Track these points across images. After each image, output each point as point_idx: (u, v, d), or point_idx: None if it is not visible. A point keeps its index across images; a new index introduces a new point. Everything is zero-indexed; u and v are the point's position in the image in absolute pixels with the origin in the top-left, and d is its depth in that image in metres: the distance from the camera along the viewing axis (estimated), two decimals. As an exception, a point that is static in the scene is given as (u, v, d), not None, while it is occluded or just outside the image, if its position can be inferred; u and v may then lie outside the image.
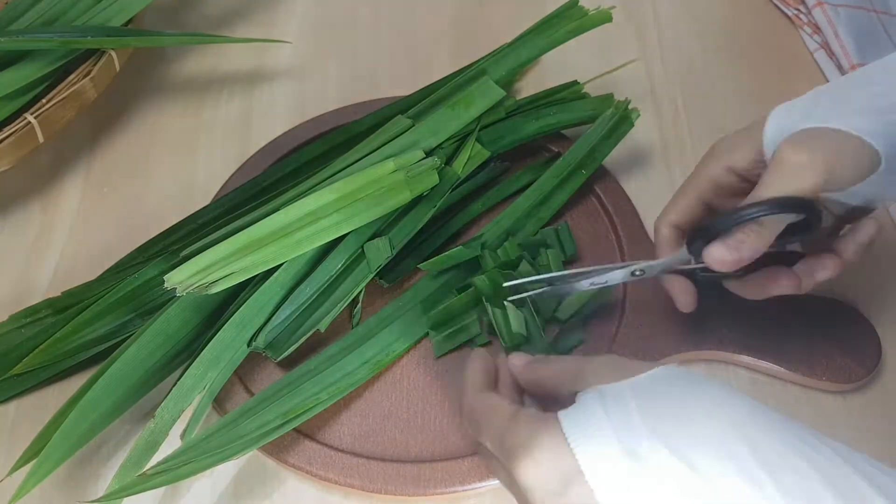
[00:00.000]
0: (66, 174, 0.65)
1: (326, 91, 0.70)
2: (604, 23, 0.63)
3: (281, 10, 0.76)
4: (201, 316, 0.52)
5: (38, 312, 0.54)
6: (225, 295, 0.51)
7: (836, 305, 0.54)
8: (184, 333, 0.51)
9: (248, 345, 0.51)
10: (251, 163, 0.63)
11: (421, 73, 0.67)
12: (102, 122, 0.69)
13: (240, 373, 0.52)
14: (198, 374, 0.49)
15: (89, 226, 0.62)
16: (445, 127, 0.58)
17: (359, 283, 0.53)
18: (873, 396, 0.52)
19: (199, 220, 0.58)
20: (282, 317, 0.52)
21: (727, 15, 0.74)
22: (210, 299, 0.52)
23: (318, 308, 0.53)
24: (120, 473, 0.47)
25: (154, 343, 0.50)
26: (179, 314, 0.51)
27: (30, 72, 0.60)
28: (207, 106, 0.70)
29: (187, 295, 0.48)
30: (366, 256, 0.54)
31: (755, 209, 0.42)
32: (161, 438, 0.48)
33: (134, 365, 0.49)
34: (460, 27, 0.74)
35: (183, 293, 0.47)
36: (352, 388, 0.51)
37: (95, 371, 0.49)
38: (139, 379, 0.50)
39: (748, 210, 0.42)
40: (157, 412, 0.48)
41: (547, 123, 0.62)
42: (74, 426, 0.47)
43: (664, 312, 0.53)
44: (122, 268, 0.56)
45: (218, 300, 0.52)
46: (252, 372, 0.53)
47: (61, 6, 0.64)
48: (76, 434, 0.47)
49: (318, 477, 0.49)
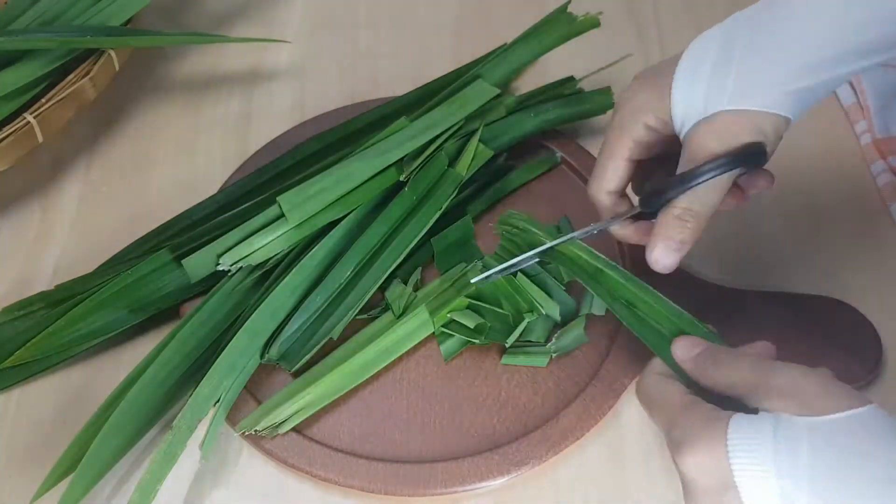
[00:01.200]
0: (66, 174, 0.65)
1: (326, 91, 0.70)
2: (592, 28, 0.64)
3: (281, 10, 0.76)
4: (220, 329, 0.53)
5: (31, 306, 0.54)
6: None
7: (836, 305, 0.54)
8: (200, 352, 0.52)
9: (260, 357, 0.51)
10: (251, 162, 0.63)
11: (421, 73, 0.66)
12: (102, 121, 0.68)
13: (250, 387, 0.52)
14: (213, 383, 0.49)
15: (88, 225, 0.62)
16: (441, 122, 0.59)
17: (369, 289, 0.54)
18: (873, 396, 0.51)
19: (194, 216, 0.58)
20: (294, 326, 0.52)
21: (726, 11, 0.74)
22: (225, 313, 0.53)
23: (330, 316, 0.53)
24: (140, 486, 0.46)
25: (173, 362, 0.51)
26: (199, 329, 0.52)
27: (29, 71, 0.60)
28: (207, 105, 0.70)
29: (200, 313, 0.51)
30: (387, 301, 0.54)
31: (713, 166, 0.42)
32: (179, 450, 0.48)
33: (155, 384, 0.50)
34: (460, 27, 0.74)
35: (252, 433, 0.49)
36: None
37: (113, 392, 0.50)
38: (162, 397, 0.50)
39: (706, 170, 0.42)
40: (175, 423, 0.48)
41: (546, 120, 0.62)
42: (100, 451, 0.47)
43: (664, 312, 0.53)
44: (117, 263, 0.56)
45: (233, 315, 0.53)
46: (262, 384, 0.53)
47: (60, 6, 0.64)
48: (103, 458, 0.48)
49: (318, 477, 0.49)
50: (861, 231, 0.59)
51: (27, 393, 0.54)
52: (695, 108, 0.43)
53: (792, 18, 0.42)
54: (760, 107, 0.42)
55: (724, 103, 0.42)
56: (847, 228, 0.59)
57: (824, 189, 0.60)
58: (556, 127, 0.63)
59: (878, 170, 0.61)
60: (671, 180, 0.43)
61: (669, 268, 0.44)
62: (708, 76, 0.43)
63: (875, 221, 0.60)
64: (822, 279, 0.56)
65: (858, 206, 0.60)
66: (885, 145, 0.62)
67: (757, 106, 0.42)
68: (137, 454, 0.51)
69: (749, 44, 0.43)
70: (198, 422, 0.49)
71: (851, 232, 0.59)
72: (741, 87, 0.42)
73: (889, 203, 0.60)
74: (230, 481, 0.50)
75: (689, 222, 0.43)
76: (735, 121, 0.42)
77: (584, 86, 0.65)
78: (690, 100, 0.43)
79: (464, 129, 0.59)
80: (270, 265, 0.54)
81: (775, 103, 0.42)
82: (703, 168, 0.42)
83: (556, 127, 0.63)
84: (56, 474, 0.48)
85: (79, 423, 0.50)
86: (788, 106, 0.42)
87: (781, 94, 0.42)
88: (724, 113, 0.42)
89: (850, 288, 0.55)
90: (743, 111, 0.42)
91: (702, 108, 0.43)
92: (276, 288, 0.52)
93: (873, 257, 0.58)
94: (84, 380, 0.54)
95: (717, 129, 0.42)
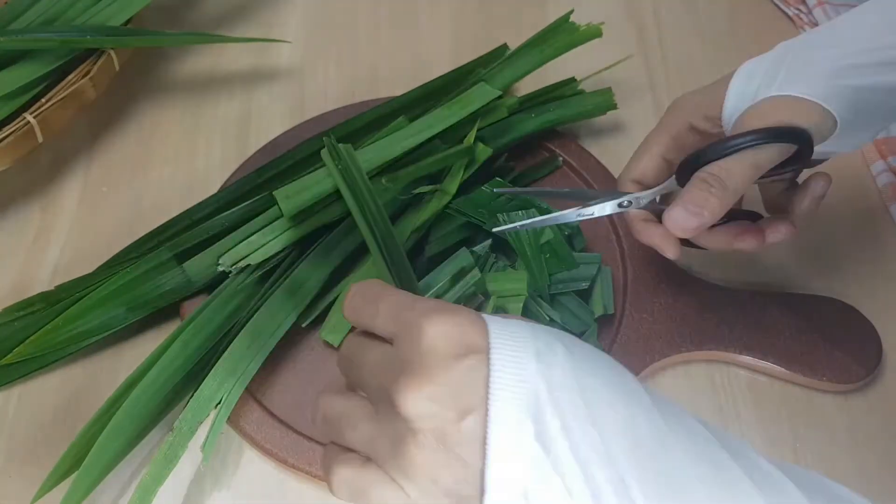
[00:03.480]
0: (66, 174, 0.65)
1: (326, 91, 0.70)
2: (594, 38, 0.63)
3: (281, 10, 0.76)
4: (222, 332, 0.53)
5: (31, 305, 0.54)
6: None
7: (837, 305, 0.54)
8: (203, 352, 0.52)
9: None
10: (251, 163, 0.63)
11: (421, 73, 0.66)
12: (102, 121, 0.68)
13: (252, 389, 0.52)
14: (214, 385, 0.49)
15: (88, 225, 0.62)
16: (441, 122, 0.59)
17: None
18: (873, 396, 0.52)
19: (193, 216, 0.58)
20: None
21: (728, 14, 0.74)
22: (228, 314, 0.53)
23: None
24: (140, 487, 0.46)
25: (176, 363, 0.51)
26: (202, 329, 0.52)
27: (29, 71, 0.60)
28: (207, 106, 0.70)
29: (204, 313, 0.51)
30: None
31: (749, 137, 0.42)
32: (180, 451, 0.48)
33: (158, 385, 0.50)
34: (460, 27, 0.74)
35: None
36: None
37: (115, 392, 0.50)
38: (165, 398, 0.50)
39: (741, 139, 0.42)
40: (176, 425, 0.48)
41: (546, 120, 0.62)
42: (102, 451, 0.47)
43: (664, 312, 0.53)
44: (116, 262, 0.56)
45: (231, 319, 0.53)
46: (263, 386, 0.53)
47: (61, 6, 0.64)
48: (106, 459, 0.48)
49: (317, 477, 0.49)
50: (861, 231, 0.59)
51: (27, 392, 0.54)
52: (745, 100, 0.44)
53: (842, 28, 0.45)
54: (804, 93, 0.42)
55: (772, 91, 0.43)
56: (847, 228, 0.59)
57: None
58: (556, 127, 0.63)
59: (878, 170, 0.61)
60: (705, 149, 0.43)
61: (685, 230, 0.43)
62: (762, 73, 0.44)
63: (875, 221, 0.60)
64: (822, 279, 0.56)
65: (858, 206, 0.60)
66: (886, 145, 0.62)
67: (800, 92, 0.42)
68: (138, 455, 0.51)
69: (802, 48, 0.45)
70: (199, 423, 0.49)
71: (851, 232, 0.59)
72: (788, 76, 0.43)
73: (889, 203, 0.60)
74: (230, 481, 0.50)
75: (713, 188, 0.42)
76: (777, 103, 0.43)
77: (585, 86, 0.65)
78: (743, 93, 0.45)
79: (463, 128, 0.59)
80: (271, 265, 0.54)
81: (819, 93, 0.42)
82: (736, 139, 0.42)
83: (556, 127, 0.63)
84: (57, 475, 0.48)
85: (78, 422, 0.50)
86: (833, 100, 0.42)
87: (825, 86, 0.42)
88: (768, 99, 0.43)
89: (850, 288, 0.55)
90: (786, 96, 0.43)
91: (751, 99, 0.44)
92: (277, 289, 0.52)
93: (873, 258, 0.58)
94: (84, 379, 0.54)
95: (760, 110, 0.43)
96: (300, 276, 0.53)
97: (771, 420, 0.51)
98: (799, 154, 0.43)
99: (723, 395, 0.52)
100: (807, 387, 0.52)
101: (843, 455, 0.50)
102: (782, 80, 0.43)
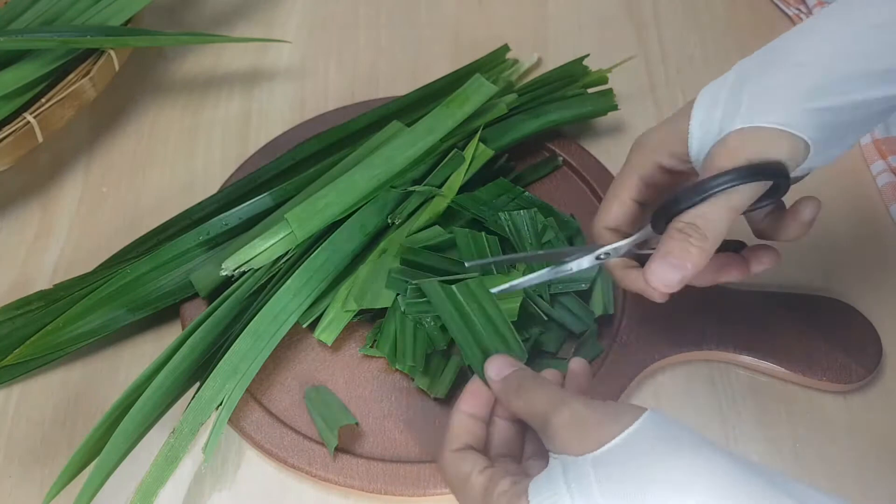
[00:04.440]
0: (66, 174, 0.65)
1: (326, 91, 0.70)
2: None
3: (280, 10, 0.76)
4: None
5: (29, 304, 0.54)
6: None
7: (836, 305, 0.54)
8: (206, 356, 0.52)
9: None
10: (251, 163, 0.63)
11: (420, 73, 0.67)
12: (101, 121, 0.68)
13: (252, 389, 0.52)
14: (216, 385, 0.49)
15: (88, 225, 0.62)
16: (441, 126, 0.58)
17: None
18: (873, 396, 0.52)
19: (193, 216, 0.58)
20: None
21: (728, 14, 0.74)
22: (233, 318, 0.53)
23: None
24: (141, 488, 0.46)
25: (181, 367, 0.50)
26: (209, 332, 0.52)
27: (29, 71, 0.60)
28: (207, 106, 0.70)
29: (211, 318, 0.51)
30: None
31: (722, 179, 0.40)
32: (181, 453, 0.48)
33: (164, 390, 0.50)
34: (460, 27, 0.74)
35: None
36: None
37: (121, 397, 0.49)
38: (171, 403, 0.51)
39: (714, 181, 0.40)
40: (177, 426, 0.48)
41: (548, 120, 0.62)
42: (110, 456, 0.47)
43: (664, 313, 0.53)
44: (116, 262, 0.56)
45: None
46: (263, 386, 0.53)
47: (60, 6, 0.64)
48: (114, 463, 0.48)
49: (317, 477, 0.49)
50: (861, 231, 0.59)
51: (27, 392, 0.54)
52: (711, 134, 0.42)
53: (799, 47, 0.42)
54: (772, 123, 0.40)
55: (738, 123, 0.41)
56: (847, 228, 0.59)
57: (824, 189, 0.60)
58: (557, 128, 0.63)
59: (878, 170, 0.61)
60: (677, 195, 0.41)
61: (667, 285, 0.41)
62: (724, 101, 0.42)
63: (875, 221, 0.60)
64: (822, 279, 0.56)
65: (858, 206, 0.60)
66: (886, 145, 0.62)
67: (768, 122, 0.40)
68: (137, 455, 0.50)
69: (761, 71, 0.42)
70: (200, 425, 0.49)
71: (851, 232, 0.59)
72: (752, 105, 0.41)
73: (889, 203, 0.60)
74: (231, 482, 0.50)
75: (692, 237, 0.40)
76: (746, 138, 0.40)
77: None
78: (707, 126, 0.42)
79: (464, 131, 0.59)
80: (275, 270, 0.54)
81: (787, 121, 0.40)
82: (709, 182, 0.40)
83: (557, 128, 0.63)
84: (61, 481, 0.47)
85: (78, 422, 0.50)
86: (802, 126, 0.40)
87: (793, 113, 0.40)
88: (736, 132, 0.41)
89: (850, 288, 0.55)
90: (755, 128, 0.40)
91: (717, 132, 0.41)
92: (278, 290, 0.52)
93: (873, 257, 0.58)
94: (84, 379, 0.54)
95: (729, 147, 0.41)
96: (301, 277, 0.53)
97: (771, 420, 0.51)
98: (776, 187, 0.41)
99: (723, 395, 0.52)
100: (807, 387, 0.52)
101: (843, 455, 0.50)
102: (746, 109, 0.41)
